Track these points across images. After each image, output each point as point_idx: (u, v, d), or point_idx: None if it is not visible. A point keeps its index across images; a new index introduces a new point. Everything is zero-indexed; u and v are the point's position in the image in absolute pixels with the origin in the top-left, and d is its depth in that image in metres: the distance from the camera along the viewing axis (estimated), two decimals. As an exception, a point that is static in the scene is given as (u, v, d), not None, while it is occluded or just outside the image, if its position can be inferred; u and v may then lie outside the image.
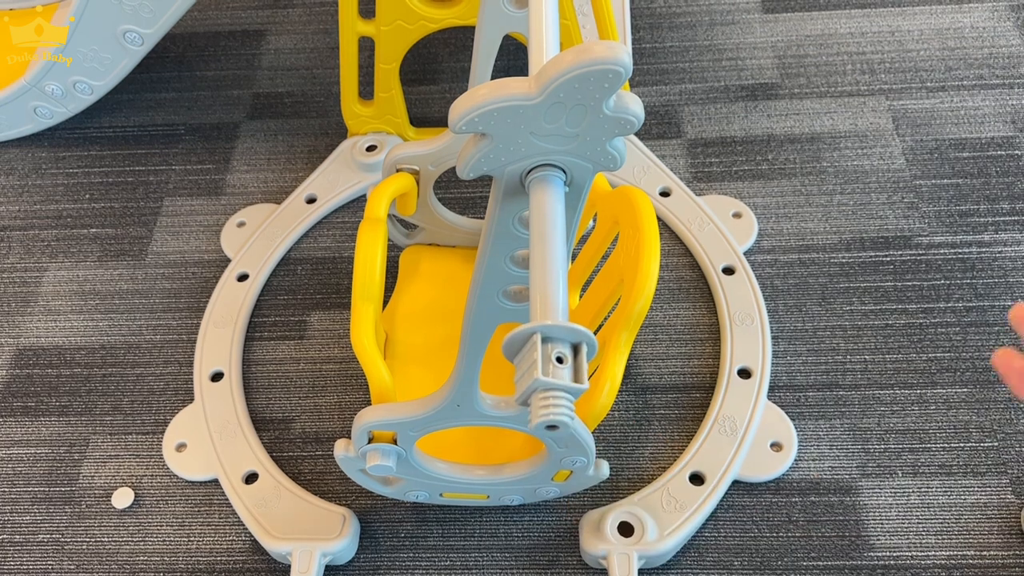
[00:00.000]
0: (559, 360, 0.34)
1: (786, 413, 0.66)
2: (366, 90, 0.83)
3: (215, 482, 0.67)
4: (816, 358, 0.70)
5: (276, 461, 0.67)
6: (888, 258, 0.75)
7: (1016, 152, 0.80)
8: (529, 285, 0.36)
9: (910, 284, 0.73)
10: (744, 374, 0.68)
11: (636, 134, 0.84)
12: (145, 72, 0.91)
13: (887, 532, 0.62)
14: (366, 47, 0.79)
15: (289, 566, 0.61)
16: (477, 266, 0.46)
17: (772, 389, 0.68)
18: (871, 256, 0.75)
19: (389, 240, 0.71)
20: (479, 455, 0.63)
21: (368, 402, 0.68)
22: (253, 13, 0.99)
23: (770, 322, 0.71)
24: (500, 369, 0.54)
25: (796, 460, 0.65)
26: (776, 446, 0.65)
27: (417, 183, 0.65)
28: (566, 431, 0.47)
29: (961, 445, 0.65)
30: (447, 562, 0.63)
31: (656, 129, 0.85)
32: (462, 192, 0.82)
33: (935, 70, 0.87)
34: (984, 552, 0.61)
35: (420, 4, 0.72)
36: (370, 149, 0.83)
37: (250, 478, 0.66)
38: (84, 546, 0.65)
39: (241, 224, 0.81)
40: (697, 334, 0.72)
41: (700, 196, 0.79)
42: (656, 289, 0.55)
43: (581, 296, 0.67)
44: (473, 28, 0.61)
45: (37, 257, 0.82)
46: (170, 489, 0.67)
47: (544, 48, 0.41)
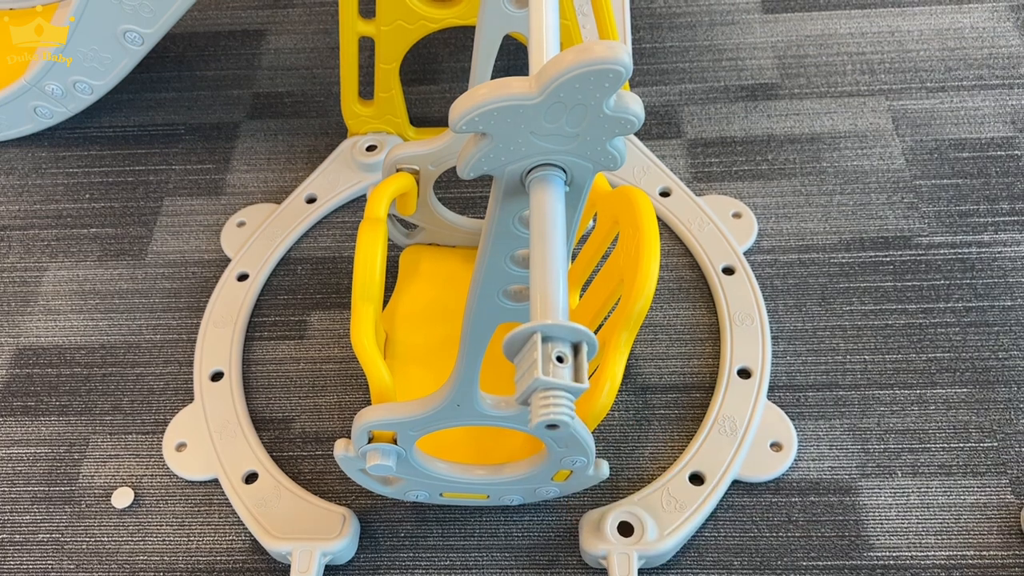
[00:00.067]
0: (559, 359, 0.34)
1: (786, 413, 0.66)
2: (366, 90, 0.83)
3: (215, 482, 0.67)
4: (816, 358, 0.70)
5: (276, 461, 0.67)
6: (888, 258, 0.75)
7: (1016, 152, 0.80)
8: (529, 285, 0.36)
9: (910, 284, 0.73)
10: (744, 374, 0.68)
11: (636, 134, 0.84)
12: (145, 72, 0.91)
13: (887, 532, 0.62)
14: (366, 47, 0.79)
15: (289, 566, 0.61)
16: (477, 266, 0.46)
17: (772, 389, 0.68)
18: (871, 256, 0.75)
19: (389, 240, 0.71)
20: (479, 455, 0.63)
21: (368, 402, 0.69)
22: (253, 13, 0.99)
23: (770, 322, 0.71)
24: (500, 369, 0.54)
25: (796, 460, 0.65)
26: (776, 446, 0.65)
27: (417, 183, 0.65)
28: (566, 430, 0.47)
29: (961, 445, 0.65)
30: (447, 562, 0.63)
31: (656, 129, 0.85)
32: (462, 192, 0.82)
33: (935, 70, 0.87)
34: (984, 552, 0.61)
35: (420, 4, 0.72)
36: (370, 149, 0.83)
37: (250, 478, 0.66)
38: (84, 546, 0.65)
39: (241, 224, 0.81)
40: (697, 334, 0.72)
41: (700, 196, 0.79)
42: (656, 289, 0.55)
43: (581, 296, 0.67)
44: (473, 28, 0.61)
45: (37, 257, 0.82)
46: (170, 489, 0.67)
47: (544, 48, 0.41)
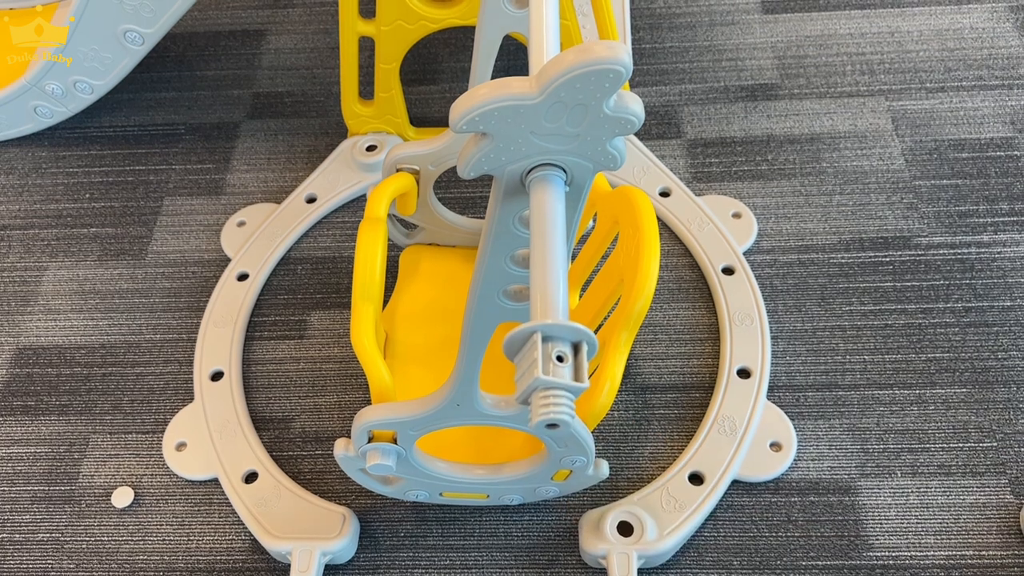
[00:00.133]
0: (559, 359, 0.34)
1: (785, 413, 0.66)
2: (366, 90, 0.83)
3: (215, 481, 0.67)
4: (815, 358, 0.70)
5: (276, 460, 0.67)
6: (887, 258, 0.75)
7: (1015, 153, 0.80)
8: (529, 284, 0.36)
9: (909, 284, 0.73)
10: (743, 374, 0.68)
11: (636, 134, 0.84)
12: (145, 72, 0.91)
13: (886, 532, 0.62)
14: (366, 47, 0.79)
15: (289, 565, 0.61)
16: (477, 265, 0.46)
17: (771, 389, 0.68)
18: (870, 256, 0.75)
19: (389, 240, 0.71)
20: (479, 455, 0.63)
21: (368, 401, 0.69)
22: (253, 13, 0.99)
23: (769, 322, 0.71)
24: (500, 369, 0.54)
25: (795, 460, 0.65)
26: (775, 446, 0.65)
27: (417, 183, 0.65)
28: (566, 430, 0.47)
29: (960, 445, 0.65)
30: (447, 561, 0.63)
31: (656, 129, 0.85)
32: (462, 192, 0.82)
33: (934, 71, 0.87)
34: (983, 552, 0.61)
35: (420, 4, 0.72)
36: (370, 149, 0.83)
37: (250, 477, 0.66)
38: (84, 545, 0.65)
39: (241, 224, 0.81)
40: (696, 334, 0.72)
41: (700, 196, 0.79)
42: (656, 289, 0.55)
43: (581, 296, 0.67)
44: (473, 28, 0.61)
45: (37, 256, 0.82)
46: (170, 488, 0.67)
47: (544, 48, 0.41)
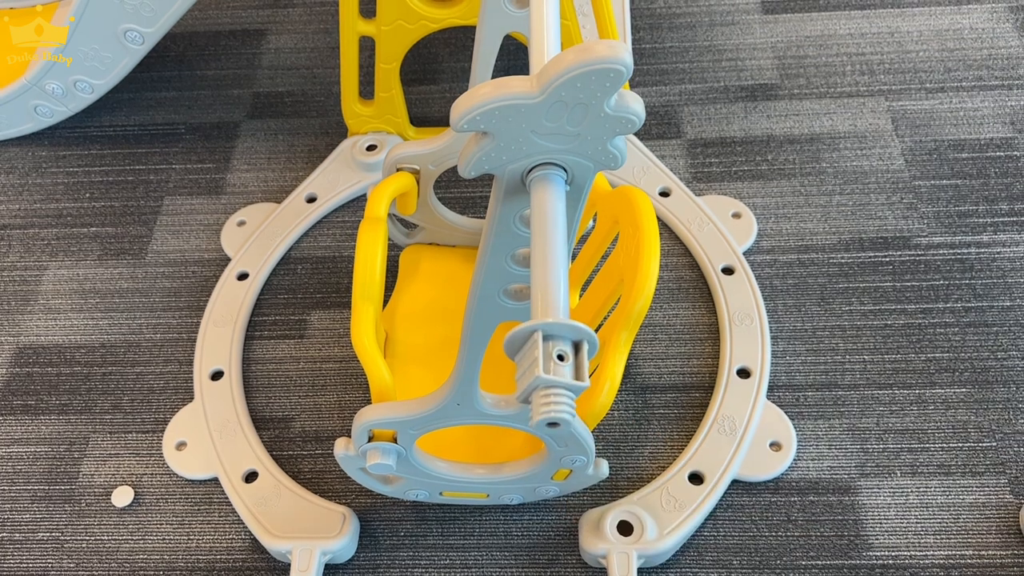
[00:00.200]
0: (560, 358, 0.34)
1: (785, 413, 0.66)
2: (366, 90, 0.83)
3: (215, 481, 0.67)
4: (815, 358, 0.70)
5: (276, 460, 0.67)
6: (887, 258, 0.75)
7: (1015, 153, 0.80)
8: (530, 283, 0.36)
9: (909, 284, 0.73)
10: (743, 374, 0.68)
11: (636, 134, 0.84)
12: (146, 71, 0.91)
13: (886, 532, 0.62)
14: (366, 47, 0.79)
15: (289, 564, 0.61)
16: (478, 265, 0.46)
17: (771, 389, 0.68)
18: (870, 256, 0.75)
19: (389, 239, 0.71)
20: (479, 454, 0.63)
21: (368, 401, 0.69)
22: (254, 12, 0.99)
23: (769, 322, 0.71)
24: (500, 368, 0.54)
25: (795, 460, 0.65)
26: (775, 446, 0.65)
27: (417, 182, 0.65)
28: (567, 429, 0.47)
29: (960, 445, 0.65)
30: (447, 561, 0.63)
31: (656, 129, 0.85)
32: (462, 192, 0.82)
33: (934, 71, 0.87)
34: (982, 552, 0.61)
35: (421, 4, 0.72)
36: (370, 148, 0.83)
37: (250, 477, 0.66)
38: (83, 544, 0.65)
39: (241, 223, 0.81)
40: (696, 334, 0.72)
41: (700, 196, 0.79)
42: (656, 289, 0.55)
43: (581, 296, 0.67)
44: (474, 28, 0.61)
45: (37, 256, 0.82)
46: (170, 488, 0.67)
47: (545, 47, 0.41)
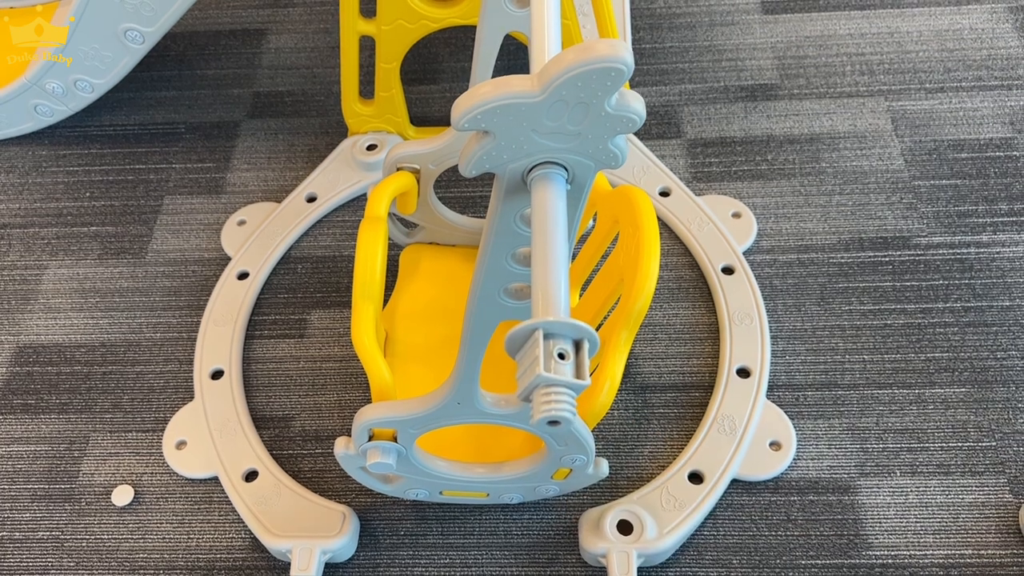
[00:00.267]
0: (561, 356, 0.34)
1: (785, 412, 0.66)
2: (367, 89, 0.83)
3: (215, 480, 0.67)
4: (815, 358, 0.70)
5: (276, 459, 0.67)
6: (887, 258, 0.75)
7: (1014, 153, 0.81)
8: (531, 282, 0.36)
9: (909, 284, 0.73)
10: (743, 373, 0.68)
11: (636, 134, 0.84)
12: (146, 70, 0.91)
13: (885, 531, 0.62)
14: (367, 46, 0.79)
15: (289, 564, 0.61)
16: (478, 264, 0.46)
17: (771, 388, 0.68)
18: (870, 256, 0.75)
19: (389, 239, 0.71)
20: (479, 453, 0.63)
21: (368, 400, 0.69)
22: (254, 12, 0.99)
23: (769, 322, 0.71)
24: (500, 367, 0.54)
25: (795, 459, 0.65)
26: (775, 445, 0.65)
27: (417, 182, 0.65)
28: (567, 427, 0.48)
29: (959, 445, 0.65)
30: (446, 560, 0.63)
31: (656, 129, 0.85)
32: (462, 191, 0.83)
33: (934, 71, 0.87)
34: (982, 551, 0.61)
35: (421, 3, 0.72)
36: (370, 148, 0.83)
37: (250, 476, 0.66)
38: (84, 543, 0.65)
39: (241, 223, 0.81)
40: (696, 333, 0.72)
41: (699, 196, 0.79)
42: (656, 288, 0.55)
43: (581, 295, 0.67)
44: (474, 27, 0.61)
45: (37, 255, 0.82)
46: (170, 487, 0.67)
47: (546, 46, 0.41)
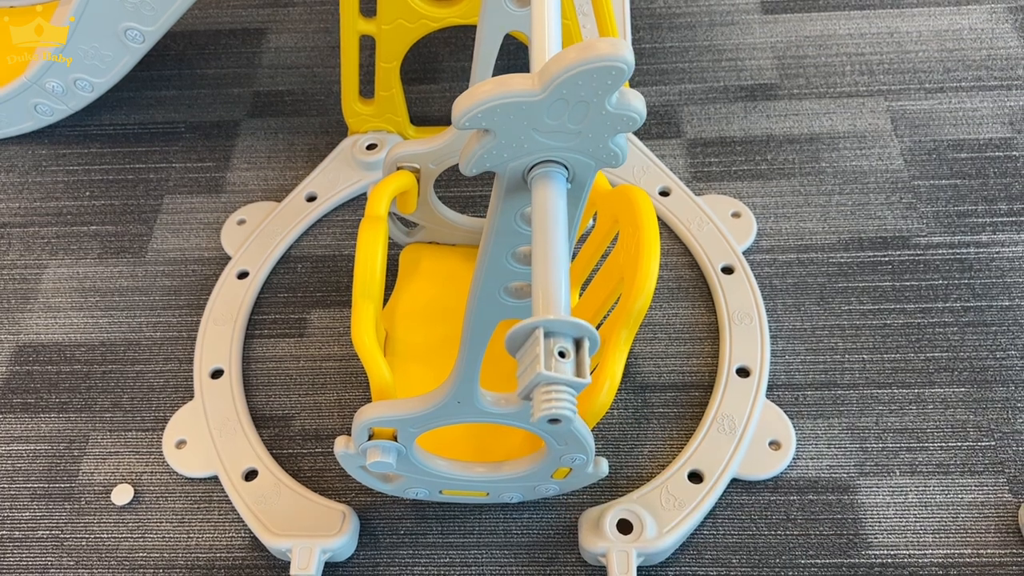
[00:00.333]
0: (561, 354, 0.34)
1: (784, 412, 0.66)
2: (367, 89, 0.83)
3: (215, 479, 0.67)
4: (814, 357, 0.70)
5: (276, 458, 0.67)
6: (886, 258, 0.75)
7: (1014, 153, 0.81)
8: (531, 280, 0.36)
9: (908, 284, 0.73)
10: (743, 373, 0.68)
11: (636, 133, 0.84)
12: (146, 70, 0.91)
13: (885, 531, 0.62)
14: (367, 46, 0.80)
15: (288, 563, 0.61)
16: (479, 263, 0.46)
17: (771, 388, 0.68)
18: (869, 256, 0.75)
19: (389, 238, 0.71)
20: (479, 452, 0.63)
21: (368, 399, 0.69)
22: (254, 11, 0.99)
23: (769, 321, 0.71)
24: (500, 366, 0.54)
25: (794, 459, 0.65)
26: (774, 445, 0.65)
27: (418, 181, 0.65)
28: (567, 426, 0.48)
29: (959, 444, 0.65)
30: (446, 559, 0.63)
31: (656, 129, 0.85)
32: (462, 190, 0.83)
33: (934, 71, 0.87)
34: (981, 551, 0.61)
35: (421, 3, 0.72)
36: (370, 147, 0.83)
37: (250, 475, 0.66)
38: (83, 542, 0.65)
39: (241, 222, 0.81)
40: (696, 333, 0.72)
41: (699, 196, 0.79)
42: (656, 288, 0.55)
43: (581, 295, 0.67)
44: (474, 27, 0.61)
45: (37, 254, 0.82)
46: (170, 486, 0.67)
47: (546, 45, 0.41)
